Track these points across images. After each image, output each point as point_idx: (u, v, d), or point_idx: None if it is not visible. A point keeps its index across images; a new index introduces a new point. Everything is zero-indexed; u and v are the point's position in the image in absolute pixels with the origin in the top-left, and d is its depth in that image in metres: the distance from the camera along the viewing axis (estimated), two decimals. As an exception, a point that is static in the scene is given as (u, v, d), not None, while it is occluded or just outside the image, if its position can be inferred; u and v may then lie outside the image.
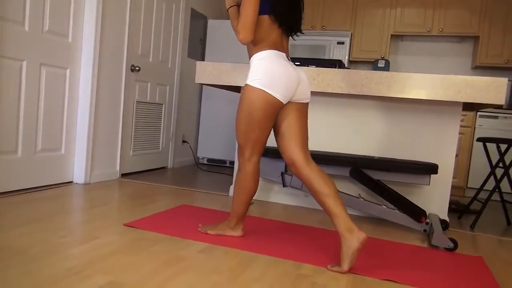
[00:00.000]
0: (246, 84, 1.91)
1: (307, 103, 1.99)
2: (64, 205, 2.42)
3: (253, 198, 3.09)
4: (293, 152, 1.92)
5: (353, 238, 1.71)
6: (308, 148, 1.97)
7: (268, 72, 1.85)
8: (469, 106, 2.88)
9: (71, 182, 3.09)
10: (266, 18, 1.89)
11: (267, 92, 1.84)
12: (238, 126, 1.95)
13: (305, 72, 2.53)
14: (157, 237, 1.98)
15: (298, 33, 2.04)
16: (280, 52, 1.93)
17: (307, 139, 1.98)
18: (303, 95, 1.95)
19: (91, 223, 2.11)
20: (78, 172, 3.09)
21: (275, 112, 1.90)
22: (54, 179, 2.93)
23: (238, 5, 1.98)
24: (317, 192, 1.82)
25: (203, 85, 4.80)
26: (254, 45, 1.93)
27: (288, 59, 1.97)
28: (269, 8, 1.88)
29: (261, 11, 1.88)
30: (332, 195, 1.80)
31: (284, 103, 1.90)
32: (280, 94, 1.86)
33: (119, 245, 1.81)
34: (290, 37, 2.07)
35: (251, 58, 1.95)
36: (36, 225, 1.99)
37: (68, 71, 2.94)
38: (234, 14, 1.96)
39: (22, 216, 2.13)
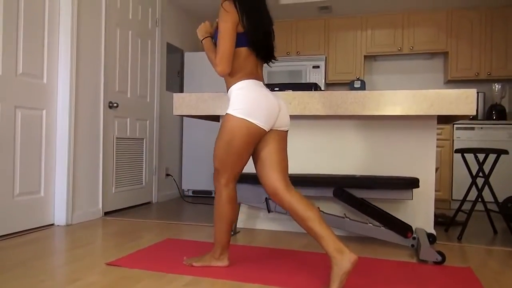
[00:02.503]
0: (227, 114, 1.91)
1: (287, 130, 2.01)
2: (44, 249, 2.35)
3: (239, 226, 3.05)
4: (275, 180, 1.90)
5: (344, 259, 1.69)
6: (288, 176, 1.96)
7: (249, 101, 1.87)
8: (444, 119, 2.94)
9: (52, 224, 3.01)
10: (243, 50, 1.93)
11: (249, 121, 1.85)
12: (217, 152, 1.95)
13: (283, 99, 2.57)
14: (141, 274, 1.93)
15: (273, 60, 2.08)
16: (258, 81, 1.96)
17: (287, 167, 1.98)
18: (283, 123, 1.96)
19: (72, 264, 2.05)
20: (59, 214, 3.02)
21: (256, 141, 1.91)
22: (34, 222, 2.86)
23: (211, 36, 2.03)
24: (302, 218, 1.80)
25: (184, 117, 4.81)
26: (231, 76, 1.95)
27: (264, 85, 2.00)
28: (247, 40, 1.92)
29: (239, 43, 1.91)
30: (316, 218, 1.78)
31: (267, 130, 1.91)
32: (262, 122, 1.87)
33: (101, 285, 1.76)
34: (266, 65, 2.11)
35: (230, 88, 1.97)
36: (16, 271, 1.92)
37: (44, 112, 2.92)
38: (210, 46, 2.00)
39: (1, 263, 2.05)
